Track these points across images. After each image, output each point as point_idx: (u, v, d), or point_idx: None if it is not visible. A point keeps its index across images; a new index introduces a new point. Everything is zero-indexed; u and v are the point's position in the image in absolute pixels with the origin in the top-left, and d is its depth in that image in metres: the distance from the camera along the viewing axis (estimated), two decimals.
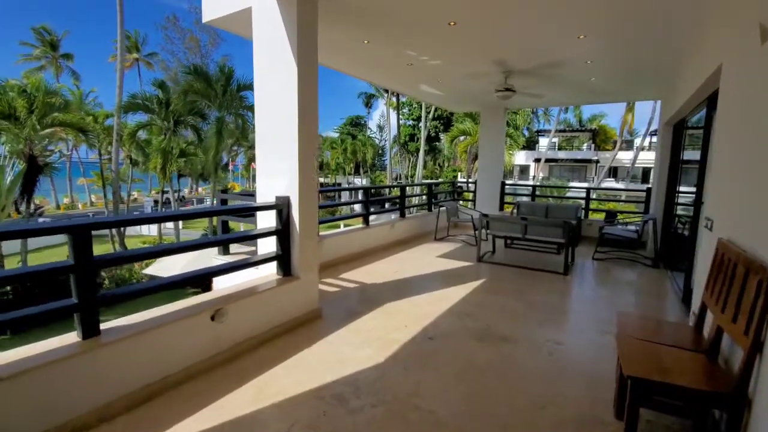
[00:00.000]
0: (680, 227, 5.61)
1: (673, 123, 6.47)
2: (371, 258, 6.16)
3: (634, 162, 31.26)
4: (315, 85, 3.50)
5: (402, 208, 7.71)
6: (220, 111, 15.85)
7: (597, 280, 5.43)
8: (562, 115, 40.71)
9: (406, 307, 4.06)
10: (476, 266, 5.89)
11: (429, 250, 6.87)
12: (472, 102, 8.67)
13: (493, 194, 9.27)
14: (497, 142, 9.16)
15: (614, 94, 7.44)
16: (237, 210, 4.69)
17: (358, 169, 42.75)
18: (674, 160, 6.54)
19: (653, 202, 7.22)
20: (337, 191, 15.92)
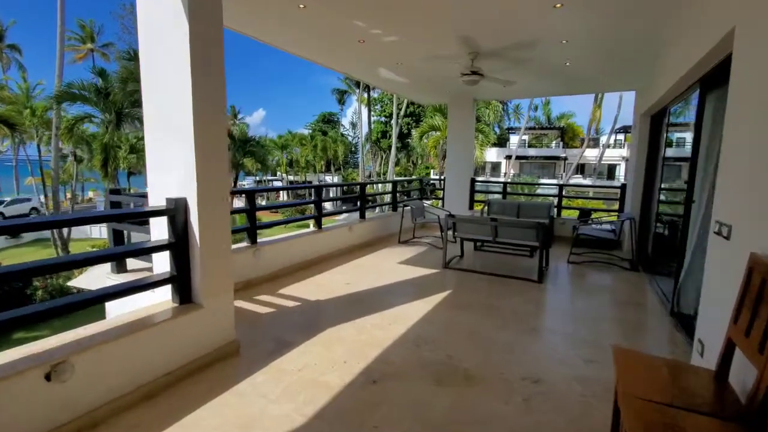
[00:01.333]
0: (661, 227, 5.11)
1: (651, 114, 6.01)
2: (323, 267, 5.34)
3: (600, 159, 31.86)
4: (219, 50, 2.65)
5: (362, 209, 6.93)
6: None
7: (574, 288, 4.84)
8: (532, 113, 41.18)
9: (352, 333, 3.28)
10: (442, 274, 5.20)
11: (391, 255, 6.12)
12: (439, 92, 7.98)
13: (463, 192, 8.64)
14: (466, 136, 8.53)
15: (589, 83, 6.94)
16: (111, 216, 3.42)
17: (330, 166, 41.64)
18: (652, 154, 6.08)
19: (629, 199, 6.78)
20: (273, 191, 14.25)
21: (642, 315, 3.90)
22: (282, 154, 36.39)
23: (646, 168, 6.19)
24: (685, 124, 4.38)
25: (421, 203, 7.53)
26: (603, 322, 3.71)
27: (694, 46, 3.40)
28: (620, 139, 35.58)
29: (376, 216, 7.52)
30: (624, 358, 1.98)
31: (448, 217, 5.48)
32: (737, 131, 2.19)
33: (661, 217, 5.08)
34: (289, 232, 5.44)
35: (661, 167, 4.99)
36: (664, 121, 5.68)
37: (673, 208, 4.86)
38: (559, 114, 41.16)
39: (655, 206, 5.52)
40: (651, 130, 6.11)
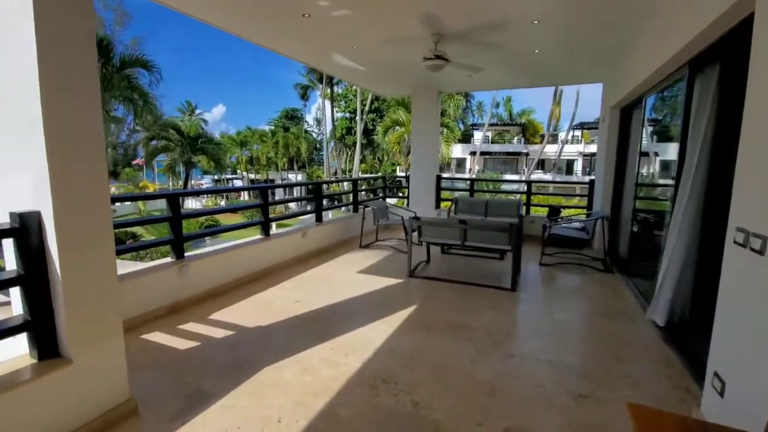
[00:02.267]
0: (638, 226, 4.80)
1: (621, 106, 5.72)
2: (271, 281, 4.63)
3: (560, 155, 32.74)
4: (88, 21, 1.89)
5: (318, 211, 6.23)
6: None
7: (550, 296, 4.42)
8: (494, 110, 41.83)
9: (294, 373, 2.63)
10: (406, 284, 4.63)
11: (350, 263, 5.49)
12: (401, 83, 7.40)
13: (429, 190, 8.14)
14: (431, 131, 8.02)
15: (557, 75, 6.61)
16: None
17: (293, 164, 40.23)
18: (622, 148, 5.81)
19: (598, 196, 6.52)
20: (203, 193, 12.44)
21: (626, 328, 3.50)
22: (241, 151, 34.63)
23: (617, 163, 5.93)
24: (670, 111, 4.04)
25: (384, 203, 6.94)
26: (587, 341, 3.28)
27: (681, 27, 3.00)
28: (577, 135, 36.81)
29: (335, 218, 6.84)
30: (644, 419, 1.46)
31: (412, 220, 4.91)
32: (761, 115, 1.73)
33: (637, 214, 4.77)
34: (227, 242, 4.66)
35: (636, 162, 4.67)
36: (634, 113, 5.40)
37: (651, 205, 4.55)
38: (520, 110, 42.11)
39: (629, 203, 5.24)
40: (621, 123, 5.83)
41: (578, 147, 35.47)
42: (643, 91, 4.54)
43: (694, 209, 3.02)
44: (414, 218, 4.92)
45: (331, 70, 6.38)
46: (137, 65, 13.33)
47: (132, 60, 13.16)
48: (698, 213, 3.04)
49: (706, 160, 2.96)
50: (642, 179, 4.72)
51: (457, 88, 8.38)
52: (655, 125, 4.55)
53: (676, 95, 3.75)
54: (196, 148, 16.46)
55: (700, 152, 2.94)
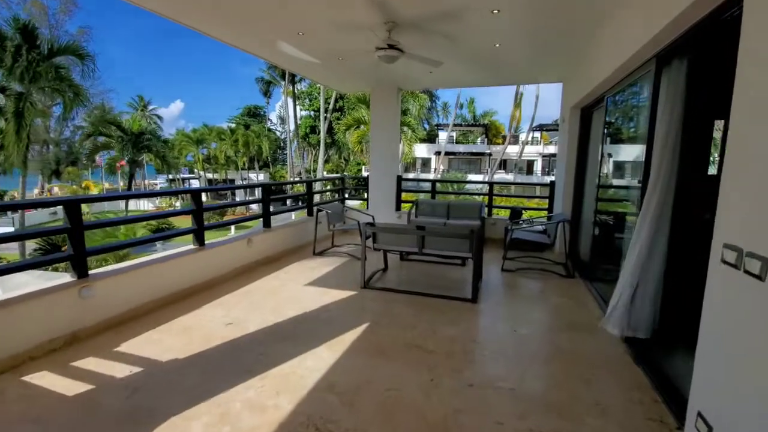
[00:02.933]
0: (600, 229, 4.64)
1: (581, 106, 5.59)
2: (204, 298, 4.04)
3: (521, 155, 33.60)
4: None
5: (266, 215, 5.67)
6: (21, 83, 11.29)
7: (513, 307, 4.13)
8: (458, 111, 42.35)
9: (206, 424, 2.12)
10: (359, 297, 4.20)
11: (300, 273, 4.98)
12: (359, 77, 6.96)
13: (389, 191, 7.75)
14: (391, 129, 7.64)
15: (518, 72, 6.41)
16: None
17: (255, 163, 38.76)
18: (583, 149, 5.69)
19: (559, 198, 6.39)
20: (104, 200, 10.11)
21: (592, 343, 3.25)
22: (198, 149, 32.86)
23: (577, 164, 5.80)
24: (634, 111, 3.85)
25: (339, 206, 6.48)
26: (552, 361, 2.98)
27: (648, 18, 2.77)
28: (537, 136, 37.98)
29: (286, 223, 6.29)
30: None
31: (366, 226, 4.48)
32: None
33: (599, 217, 4.60)
34: (151, 255, 4.03)
35: (598, 163, 4.50)
36: (595, 113, 5.27)
37: (614, 207, 4.39)
38: (483, 112, 42.97)
39: (591, 205, 5.09)
40: (582, 123, 5.70)
41: (538, 148, 36.59)
42: (605, 90, 4.36)
43: (661, 213, 2.80)
44: (368, 224, 4.49)
45: (281, 61, 5.83)
46: (68, 53, 11.88)
47: (62, 48, 11.70)
48: (666, 217, 2.82)
49: (674, 160, 2.74)
50: (604, 181, 4.56)
51: (418, 85, 8.06)
52: (617, 125, 4.39)
53: (639, 93, 3.56)
54: (140, 146, 15.11)
55: (669, 152, 2.72)
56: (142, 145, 15.00)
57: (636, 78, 3.46)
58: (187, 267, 4.18)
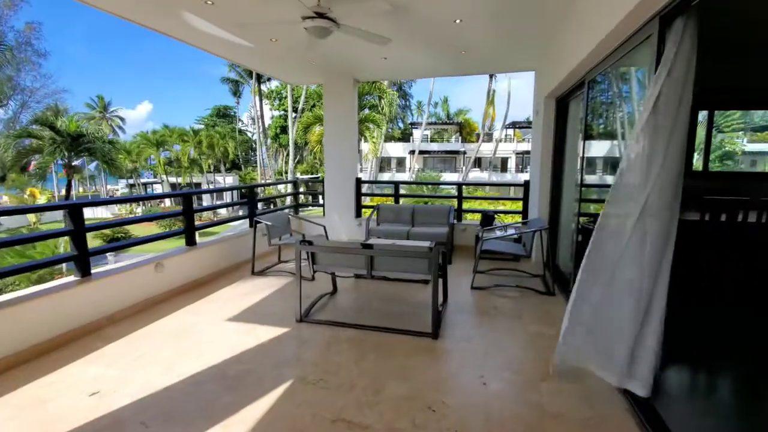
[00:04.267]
0: (582, 236, 3.90)
1: (557, 95, 4.88)
2: (83, 346, 3.05)
3: (495, 153, 33.44)
4: None
5: (190, 231, 4.68)
6: None
7: (484, 343, 3.30)
8: (432, 109, 41.90)
9: None
10: (292, 336, 3.30)
11: (225, 304, 4.03)
12: (305, 65, 6.02)
13: (347, 196, 6.87)
14: (348, 126, 6.75)
15: (486, 59, 5.64)
16: None
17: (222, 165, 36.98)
18: (560, 144, 4.98)
19: (534, 200, 5.69)
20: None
21: (585, 397, 2.48)
22: (158, 151, 30.91)
23: (554, 161, 5.09)
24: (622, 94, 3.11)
25: (284, 216, 5.54)
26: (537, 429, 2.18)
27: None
28: (510, 134, 37.98)
29: (219, 238, 5.30)
30: None
31: (302, 244, 3.58)
32: None
33: (581, 222, 3.87)
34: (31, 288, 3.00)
35: (580, 159, 3.76)
36: (572, 102, 4.56)
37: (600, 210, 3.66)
38: (457, 110, 42.72)
39: (571, 208, 4.38)
40: (558, 115, 5.00)
41: (511, 145, 36.56)
42: (585, 73, 3.63)
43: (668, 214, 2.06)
44: (304, 241, 3.59)
45: (203, 43, 4.83)
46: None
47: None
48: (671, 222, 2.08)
49: (682, 149, 2.01)
50: (588, 179, 3.83)
51: (375, 74, 7.19)
52: (602, 112, 3.67)
53: (627, 73, 2.83)
54: (79, 149, 13.54)
55: (678, 139, 1.98)
56: (82, 147, 13.47)
57: (626, 52, 2.72)
58: (63, 306, 3.17)
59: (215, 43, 4.79)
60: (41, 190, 30.24)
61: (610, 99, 3.39)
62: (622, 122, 3.01)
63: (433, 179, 25.38)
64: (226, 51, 5.20)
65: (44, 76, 35.36)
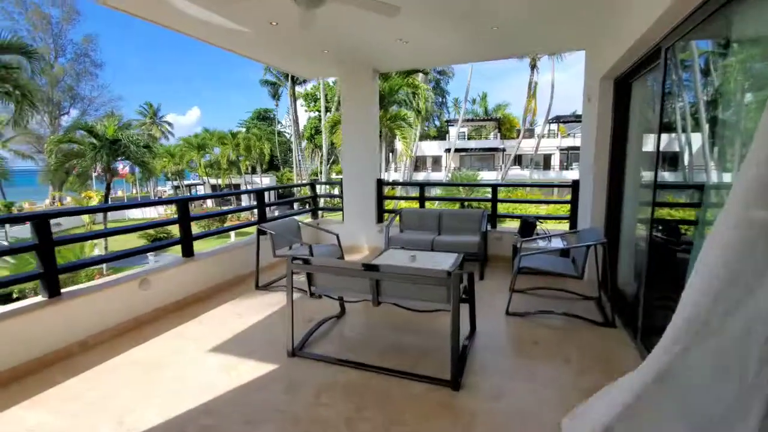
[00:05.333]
0: (657, 251, 2.99)
1: (616, 76, 3.93)
2: (38, 381, 2.62)
3: (537, 149, 31.52)
4: None
5: (186, 241, 4.23)
6: None
7: (518, 401, 2.52)
8: (469, 106, 40.42)
9: None
10: (280, 375, 2.70)
11: (215, 327, 3.51)
12: (316, 55, 5.43)
13: (367, 199, 6.23)
14: (367, 122, 6.11)
15: (520, 38, 4.76)
16: None
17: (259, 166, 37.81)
18: (620, 134, 4.04)
19: (586, 203, 4.74)
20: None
21: None
22: (199, 154, 32.00)
23: (612, 157, 4.15)
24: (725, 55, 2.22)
25: (292, 223, 4.98)
26: None
27: None
28: (553, 129, 35.74)
29: (222, 247, 4.84)
30: None
31: (293, 263, 2.96)
32: None
33: (657, 233, 2.95)
34: None
35: (655, 150, 2.85)
36: (636, 84, 3.62)
37: (687, 216, 2.76)
38: (496, 105, 40.91)
39: (636, 214, 3.47)
40: (616, 100, 4.05)
41: (555, 141, 34.40)
42: (661, 37, 2.72)
43: None
44: (297, 258, 2.97)
45: (193, 30, 4.35)
46: (12, 51, 10.68)
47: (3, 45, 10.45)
48: None
49: None
50: (666, 177, 2.92)
51: (397, 63, 6.46)
52: (686, 91, 2.75)
53: (744, 23, 1.94)
54: (117, 153, 14.01)
55: None
56: (119, 152, 13.93)
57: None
58: (24, 332, 2.77)
59: (212, 32, 4.31)
60: (96, 192, 32.34)
61: (710, 68, 2.48)
62: (731, 101, 2.12)
63: (469, 179, 24.13)
64: (225, 41, 4.70)
65: (101, 86, 37.91)
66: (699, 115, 2.65)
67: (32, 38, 32.75)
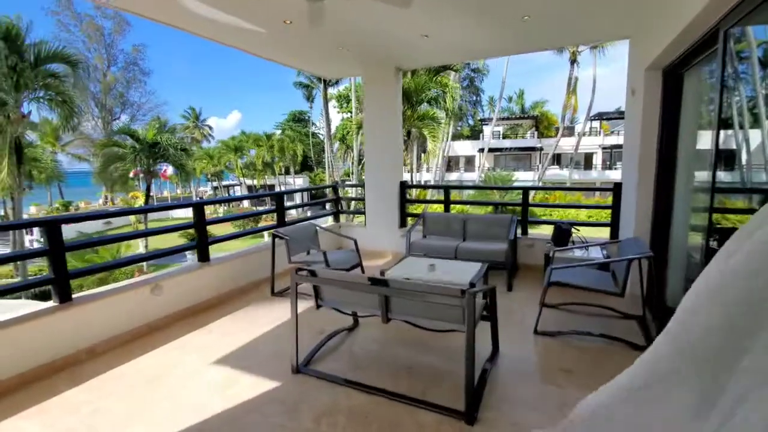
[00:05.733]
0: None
1: (665, 65, 3.46)
2: (49, 387, 2.60)
3: (577, 148, 29.96)
4: None
5: (203, 246, 4.18)
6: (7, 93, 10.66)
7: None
8: (505, 104, 39.16)
9: None
10: (282, 395, 2.52)
11: (223, 336, 3.40)
12: (334, 53, 5.26)
13: (390, 203, 5.99)
14: (390, 122, 5.87)
15: (555, 28, 4.34)
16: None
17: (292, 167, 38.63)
18: (670, 130, 3.55)
19: (629, 209, 4.25)
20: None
21: None
22: (236, 156, 33.09)
23: (660, 157, 3.66)
24: None
25: (309, 228, 4.83)
26: None
27: None
28: (595, 126, 33.89)
29: (239, 252, 4.77)
30: None
31: (297, 274, 2.78)
32: None
33: (715, 246, 2.51)
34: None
35: (712, 148, 2.42)
36: (688, 74, 3.16)
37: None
38: (533, 102, 39.36)
39: (689, 221, 3.01)
40: (665, 92, 3.57)
41: (597, 139, 32.57)
42: (719, 19, 2.29)
43: None
44: (302, 269, 2.78)
45: (207, 32, 4.29)
46: (56, 60, 11.43)
47: (50, 54, 11.23)
48: None
49: None
50: (722, 178, 2.48)
51: (421, 60, 6.14)
52: (748, 81, 2.31)
53: None
54: (156, 155, 14.69)
55: None
56: (158, 155, 14.61)
57: None
58: (33, 339, 2.76)
59: (225, 33, 4.24)
60: (143, 193, 34.32)
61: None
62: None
63: (503, 179, 23.24)
64: (241, 41, 4.63)
65: (149, 93, 40.16)
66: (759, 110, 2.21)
67: (87, 49, 35.20)
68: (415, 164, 26.35)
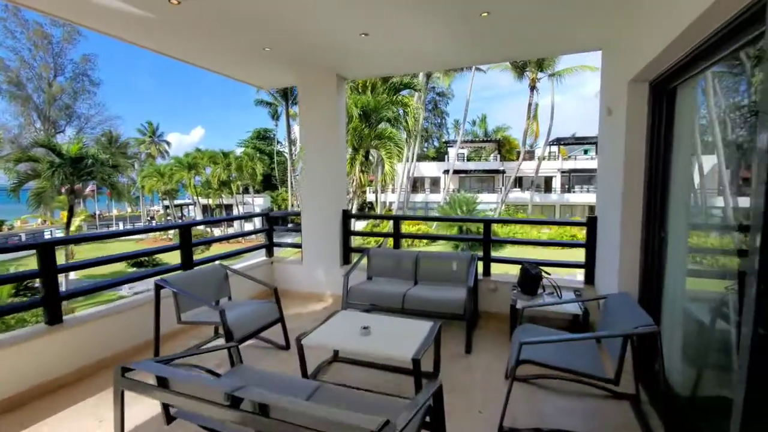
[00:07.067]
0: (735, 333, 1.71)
1: (653, 78, 2.77)
2: None
3: (537, 171, 30.49)
4: None
5: (53, 304, 2.99)
6: None
7: None
8: (469, 127, 39.81)
9: None
10: None
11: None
12: (255, 54, 4.31)
13: (330, 235, 5.01)
14: (331, 139, 4.95)
15: (516, 33, 3.65)
16: None
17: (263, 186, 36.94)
18: (662, 155, 2.84)
19: (609, 250, 3.50)
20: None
21: None
22: (189, 174, 31.04)
23: (650, 185, 2.94)
24: None
25: (217, 272, 3.72)
26: None
27: None
28: (554, 151, 34.91)
29: (116, 306, 3.57)
30: None
31: (122, 378, 1.70)
32: None
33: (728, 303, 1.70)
34: None
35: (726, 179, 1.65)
36: (683, 84, 2.47)
37: None
38: (496, 127, 40.40)
39: (683, 267, 2.24)
40: (655, 111, 2.87)
41: (556, 163, 33.49)
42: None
43: None
44: (128, 369, 1.71)
45: (77, 16, 3.26)
46: None
47: None
48: None
49: None
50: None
51: (368, 69, 5.28)
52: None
53: None
54: (81, 173, 12.84)
55: None
56: (83, 171, 12.78)
57: None
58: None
59: (107, 19, 3.20)
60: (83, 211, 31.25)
61: None
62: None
63: (468, 201, 22.90)
64: (124, 30, 3.59)
65: (98, 105, 37.41)
66: None
67: (33, 57, 32.53)
68: (379, 186, 25.61)
